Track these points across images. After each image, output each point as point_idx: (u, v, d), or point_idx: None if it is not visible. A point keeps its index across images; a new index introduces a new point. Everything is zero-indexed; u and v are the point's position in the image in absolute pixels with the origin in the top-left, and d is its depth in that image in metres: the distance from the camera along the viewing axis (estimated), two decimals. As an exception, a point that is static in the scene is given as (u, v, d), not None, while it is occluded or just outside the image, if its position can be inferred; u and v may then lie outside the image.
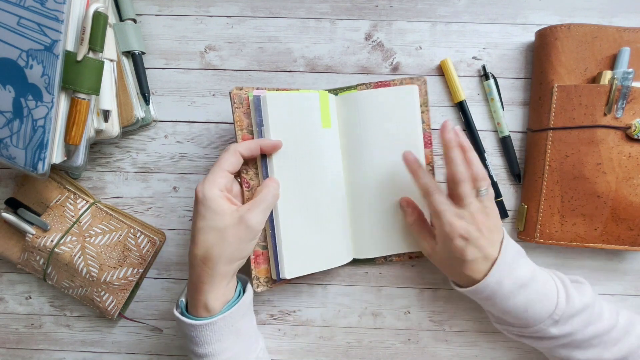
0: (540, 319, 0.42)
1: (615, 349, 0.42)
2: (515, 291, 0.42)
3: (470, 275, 0.43)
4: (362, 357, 0.54)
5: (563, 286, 0.43)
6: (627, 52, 0.47)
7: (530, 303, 0.42)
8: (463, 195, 0.42)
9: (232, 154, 0.42)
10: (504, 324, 0.46)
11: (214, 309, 0.41)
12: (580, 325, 0.42)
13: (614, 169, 0.46)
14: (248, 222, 0.40)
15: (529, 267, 0.43)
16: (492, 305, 0.44)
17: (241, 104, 0.45)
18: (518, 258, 0.44)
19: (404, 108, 0.49)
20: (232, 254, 0.40)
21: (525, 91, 0.52)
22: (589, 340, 0.42)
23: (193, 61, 0.53)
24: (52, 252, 0.49)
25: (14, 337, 0.55)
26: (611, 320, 0.43)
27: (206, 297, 0.41)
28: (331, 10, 0.53)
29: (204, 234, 0.40)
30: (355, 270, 0.54)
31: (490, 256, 0.42)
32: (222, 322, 0.41)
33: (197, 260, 0.40)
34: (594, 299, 0.43)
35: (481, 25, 0.52)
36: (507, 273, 0.42)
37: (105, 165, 0.53)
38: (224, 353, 0.42)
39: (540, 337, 0.44)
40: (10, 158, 0.42)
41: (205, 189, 0.40)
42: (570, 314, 0.42)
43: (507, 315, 0.44)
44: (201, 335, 0.41)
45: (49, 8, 0.39)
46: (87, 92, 0.42)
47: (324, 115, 0.48)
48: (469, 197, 0.42)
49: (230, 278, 0.42)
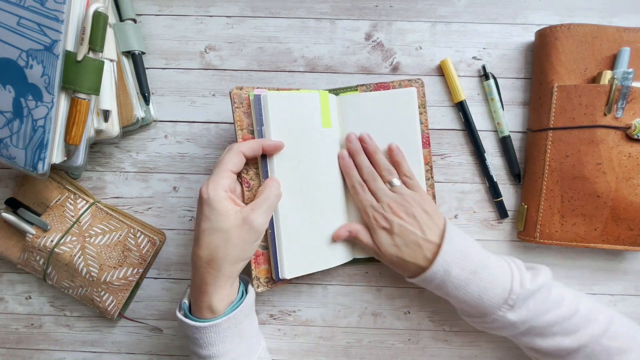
0: (497, 305, 0.42)
1: (576, 337, 0.42)
2: (466, 278, 0.42)
3: (413, 262, 0.44)
4: (362, 357, 0.54)
5: (518, 270, 0.43)
6: (627, 52, 0.47)
7: (483, 290, 0.42)
8: (375, 192, 0.47)
9: (235, 154, 0.42)
10: (466, 314, 0.46)
11: (218, 310, 0.41)
12: (537, 310, 0.42)
13: (614, 169, 0.46)
14: (252, 223, 0.40)
15: (479, 254, 0.43)
16: (446, 294, 0.44)
17: (241, 104, 0.45)
18: (466, 245, 0.44)
19: (403, 110, 0.49)
20: (237, 255, 0.40)
21: (525, 91, 0.53)
22: (549, 327, 0.42)
23: (193, 61, 0.53)
24: (52, 252, 0.49)
25: (14, 337, 0.55)
26: (571, 307, 0.42)
27: (211, 299, 0.41)
28: (331, 10, 0.53)
29: (208, 236, 0.40)
30: (355, 270, 0.54)
31: (428, 239, 0.44)
32: (227, 323, 0.41)
33: (201, 262, 0.40)
34: (549, 282, 0.43)
35: (481, 25, 0.52)
36: (455, 260, 0.42)
37: (105, 165, 0.53)
38: (227, 354, 0.42)
39: (501, 326, 0.43)
40: (10, 158, 0.42)
41: (209, 190, 0.40)
42: (525, 296, 0.41)
43: (464, 304, 0.44)
44: (205, 337, 0.41)
45: (49, 8, 0.39)
46: (87, 92, 0.42)
47: (324, 115, 0.48)
48: (380, 192, 0.47)
49: (234, 279, 0.42)
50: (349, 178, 0.48)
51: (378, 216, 0.46)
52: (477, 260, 0.43)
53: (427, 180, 0.50)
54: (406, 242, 0.44)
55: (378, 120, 0.49)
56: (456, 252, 0.43)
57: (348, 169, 0.48)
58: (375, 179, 0.47)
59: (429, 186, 0.50)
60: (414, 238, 0.44)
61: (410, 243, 0.44)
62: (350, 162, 0.48)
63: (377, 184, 0.47)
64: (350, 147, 0.49)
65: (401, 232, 0.44)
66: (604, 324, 0.42)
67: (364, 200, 0.47)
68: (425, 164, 0.50)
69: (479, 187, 0.53)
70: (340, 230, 0.48)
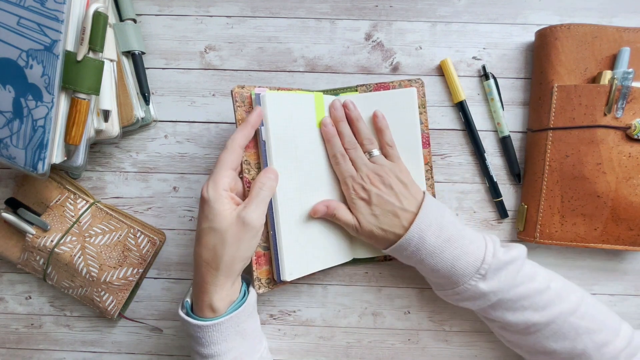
0: (468, 274, 0.42)
1: (545, 312, 0.42)
2: (440, 246, 0.43)
3: (391, 230, 0.44)
4: (362, 357, 0.54)
5: (492, 243, 0.44)
6: (627, 52, 0.47)
7: (456, 258, 0.42)
8: (355, 160, 0.47)
9: (232, 150, 0.42)
10: (440, 288, 0.47)
11: (219, 310, 0.41)
12: (508, 282, 0.42)
13: (614, 169, 0.46)
14: (245, 220, 0.40)
15: (455, 224, 0.44)
16: (419, 262, 0.44)
17: (243, 103, 0.45)
18: (443, 215, 0.44)
19: (403, 110, 0.49)
20: (235, 254, 0.40)
21: (525, 91, 0.53)
22: (519, 301, 0.42)
23: (193, 61, 0.53)
24: (52, 252, 0.49)
25: (14, 337, 0.55)
26: (543, 283, 0.43)
27: (211, 298, 0.41)
28: (331, 10, 0.53)
29: (207, 235, 0.40)
30: (355, 270, 0.54)
31: (405, 208, 0.44)
32: (229, 322, 0.41)
33: (201, 261, 0.41)
34: (523, 257, 0.44)
35: (481, 25, 0.52)
36: (430, 227, 0.43)
37: (105, 165, 0.53)
38: (229, 353, 0.42)
39: (472, 297, 0.43)
40: (10, 158, 0.42)
41: (209, 190, 0.40)
42: (497, 266, 0.42)
43: (437, 274, 0.44)
44: (207, 336, 0.41)
45: (49, 8, 0.39)
46: (87, 92, 0.42)
47: (319, 116, 0.48)
48: (359, 160, 0.47)
49: (235, 278, 0.42)
50: (331, 147, 0.48)
51: (357, 186, 0.46)
52: (452, 229, 0.43)
53: (427, 180, 0.50)
54: (384, 211, 0.45)
55: (378, 120, 0.49)
56: (432, 220, 0.43)
57: (330, 137, 0.48)
58: (355, 147, 0.47)
59: (429, 186, 0.50)
60: (391, 208, 0.44)
61: (388, 212, 0.44)
62: (333, 129, 0.48)
63: (357, 152, 0.47)
64: (334, 114, 0.48)
65: (379, 202, 0.45)
66: (575, 303, 0.42)
67: (344, 171, 0.47)
68: (425, 164, 0.50)
69: (479, 187, 0.53)
70: (318, 205, 0.47)
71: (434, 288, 0.48)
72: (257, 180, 0.43)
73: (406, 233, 0.43)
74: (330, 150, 0.48)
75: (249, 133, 0.43)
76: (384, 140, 0.48)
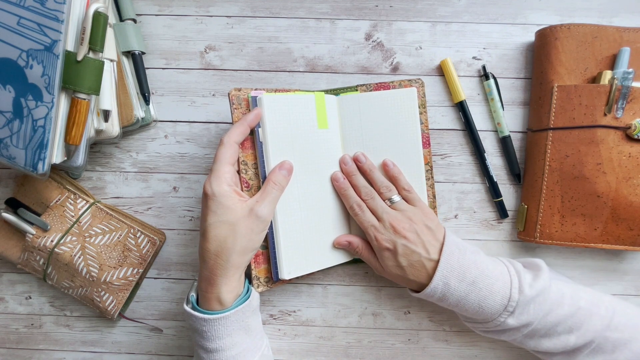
0: (496, 312, 0.43)
1: (580, 332, 0.42)
2: (465, 289, 0.43)
3: (416, 280, 0.45)
4: (362, 357, 0.54)
5: (517, 276, 0.44)
6: (627, 52, 0.47)
7: (482, 299, 0.43)
8: (375, 210, 0.46)
9: (228, 146, 0.42)
10: (469, 321, 0.47)
11: (227, 302, 0.42)
12: (538, 314, 0.42)
13: (614, 169, 0.46)
14: (258, 214, 0.41)
15: (477, 264, 0.44)
16: (448, 305, 0.45)
17: (240, 105, 0.45)
18: (464, 257, 0.44)
19: (404, 110, 0.49)
20: (245, 245, 0.41)
21: (525, 91, 0.52)
22: (553, 328, 0.43)
23: (193, 61, 0.53)
24: (52, 252, 0.49)
25: (14, 337, 0.55)
26: (572, 305, 0.43)
27: (220, 290, 0.42)
28: (331, 10, 0.53)
29: (216, 229, 0.41)
30: (355, 270, 0.54)
31: (431, 257, 0.44)
32: (234, 316, 0.42)
33: (209, 255, 0.41)
34: (549, 284, 0.43)
35: (481, 25, 0.52)
36: (453, 273, 0.43)
37: (105, 165, 0.53)
38: (233, 348, 0.42)
39: (502, 330, 0.44)
40: (10, 158, 0.42)
41: (213, 186, 0.41)
42: (525, 302, 0.42)
43: (466, 313, 0.45)
44: (213, 330, 0.42)
45: (49, 8, 0.39)
46: (87, 92, 0.42)
47: (320, 117, 0.48)
48: (380, 209, 0.46)
49: (242, 271, 0.43)
50: (346, 199, 0.48)
51: (380, 237, 0.45)
52: (475, 271, 0.43)
53: (427, 180, 0.50)
54: (410, 263, 0.44)
55: (378, 120, 0.49)
56: (453, 264, 0.43)
57: (344, 191, 0.48)
58: (373, 197, 0.47)
59: (429, 186, 0.50)
60: (418, 258, 0.44)
61: (415, 263, 0.44)
62: (346, 182, 0.48)
63: (376, 202, 0.46)
64: (345, 169, 0.48)
65: (405, 252, 0.44)
66: (607, 317, 0.42)
67: (365, 221, 0.46)
68: (426, 164, 0.50)
69: (479, 187, 0.53)
70: (341, 239, 0.48)
71: (462, 319, 0.49)
72: (271, 177, 0.44)
73: (431, 282, 0.43)
74: (347, 203, 0.48)
75: (245, 130, 0.43)
76: (400, 187, 0.48)
